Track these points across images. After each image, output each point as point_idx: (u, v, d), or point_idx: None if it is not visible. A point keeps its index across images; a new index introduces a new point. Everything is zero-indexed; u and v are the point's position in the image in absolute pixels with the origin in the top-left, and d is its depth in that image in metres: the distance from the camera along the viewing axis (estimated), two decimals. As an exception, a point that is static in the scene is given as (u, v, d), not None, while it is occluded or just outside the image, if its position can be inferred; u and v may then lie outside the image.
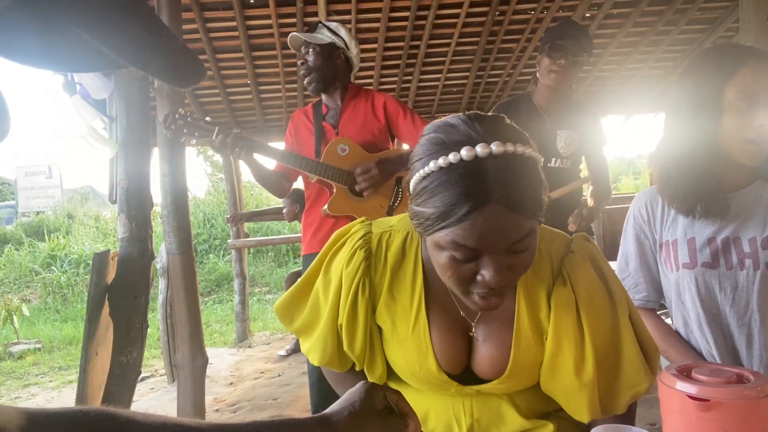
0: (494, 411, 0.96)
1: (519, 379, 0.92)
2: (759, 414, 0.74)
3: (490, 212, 0.72)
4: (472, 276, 0.78)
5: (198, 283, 2.56)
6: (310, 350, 1.03)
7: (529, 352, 0.89)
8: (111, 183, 2.28)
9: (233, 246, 5.14)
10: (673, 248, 1.29)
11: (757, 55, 1.16)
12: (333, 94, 2.33)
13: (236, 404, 3.32)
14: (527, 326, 0.89)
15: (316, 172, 2.21)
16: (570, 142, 2.22)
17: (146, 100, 2.27)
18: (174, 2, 2.32)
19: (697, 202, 1.24)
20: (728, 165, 1.24)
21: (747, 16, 2.54)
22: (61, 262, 8.13)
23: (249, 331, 5.22)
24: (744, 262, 1.20)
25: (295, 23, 3.63)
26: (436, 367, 0.92)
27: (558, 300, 0.89)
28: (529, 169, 0.75)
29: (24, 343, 5.40)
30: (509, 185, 0.72)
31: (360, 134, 2.28)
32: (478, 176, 0.72)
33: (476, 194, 0.71)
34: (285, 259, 8.48)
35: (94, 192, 14.34)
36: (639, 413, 2.83)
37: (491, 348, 0.91)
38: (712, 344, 1.24)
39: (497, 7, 3.73)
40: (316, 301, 1.01)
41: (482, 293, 0.79)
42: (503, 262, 0.76)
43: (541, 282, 0.90)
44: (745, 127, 1.14)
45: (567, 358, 0.88)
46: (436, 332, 0.92)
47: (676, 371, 0.81)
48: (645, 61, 4.52)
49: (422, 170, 0.76)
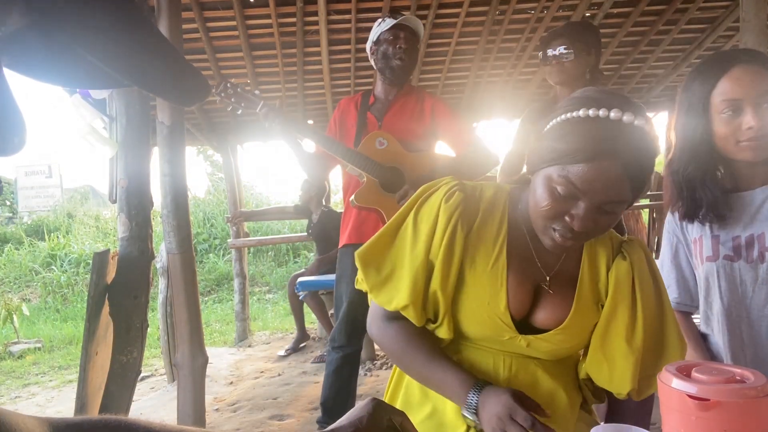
0: (530, 373, 1.02)
1: (572, 334, 1.00)
2: (759, 413, 0.74)
3: (609, 166, 0.85)
4: (561, 214, 0.90)
5: (198, 282, 2.56)
6: (395, 292, 1.01)
7: (586, 311, 1.00)
8: (111, 182, 2.28)
9: (233, 245, 5.14)
10: (699, 244, 1.32)
11: (740, 61, 1.20)
12: (398, 84, 2.35)
13: (236, 404, 3.32)
14: (587, 289, 1.01)
15: (350, 160, 2.22)
16: None
17: (146, 100, 2.27)
18: (174, 2, 2.32)
19: (699, 209, 1.28)
20: (742, 166, 1.27)
21: (747, 15, 2.54)
22: (61, 262, 8.13)
23: (249, 330, 5.22)
24: (764, 256, 1.23)
25: (295, 23, 3.63)
26: (504, 306, 0.98)
27: (618, 270, 1.00)
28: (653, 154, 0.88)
29: (24, 343, 5.40)
30: (634, 154, 0.86)
31: (403, 132, 2.29)
32: (615, 135, 0.85)
33: (607, 147, 0.85)
34: (285, 259, 8.47)
35: (94, 191, 14.33)
36: (639, 413, 2.74)
37: (556, 299, 1.00)
38: (729, 338, 1.26)
39: (497, 7, 3.73)
40: (403, 243, 1.02)
41: (562, 233, 0.91)
42: (592, 214, 0.89)
43: (603, 256, 1.02)
44: (734, 131, 1.20)
45: (620, 323, 0.98)
46: (512, 274, 1.00)
47: (675, 370, 0.81)
48: (645, 61, 4.52)
49: (570, 114, 0.89)
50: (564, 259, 1.03)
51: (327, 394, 2.39)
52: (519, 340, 0.99)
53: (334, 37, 3.86)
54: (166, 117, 2.32)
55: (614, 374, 0.98)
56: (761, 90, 1.18)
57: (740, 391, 0.74)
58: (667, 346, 1.00)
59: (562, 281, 1.01)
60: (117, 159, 2.22)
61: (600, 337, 1.00)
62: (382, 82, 2.37)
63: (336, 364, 2.37)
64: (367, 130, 2.30)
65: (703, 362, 0.84)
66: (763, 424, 0.74)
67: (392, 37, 2.27)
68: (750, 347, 1.25)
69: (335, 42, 3.92)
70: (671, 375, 0.80)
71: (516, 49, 4.19)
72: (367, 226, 2.26)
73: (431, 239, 0.99)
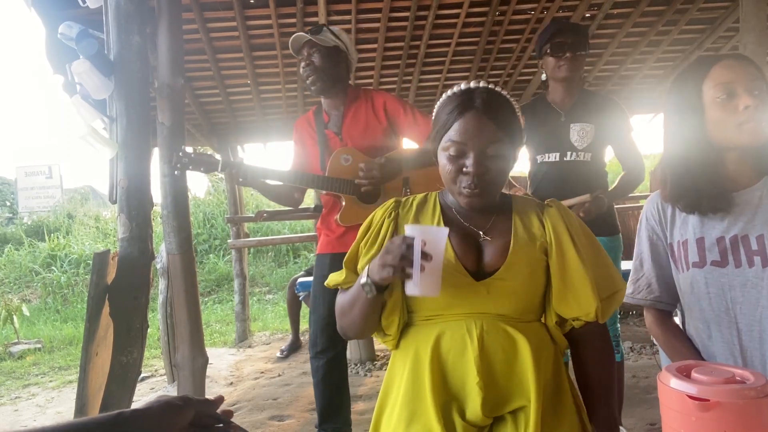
0: (501, 331, 1.11)
1: (520, 268, 1.14)
2: (758, 414, 0.74)
3: (473, 114, 1.11)
4: (460, 169, 1.12)
5: (198, 283, 2.56)
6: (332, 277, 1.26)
7: (524, 247, 1.16)
8: (111, 183, 2.27)
9: (233, 246, 5.14)
10: (683, 248, 1.30)
11: (729, 56, 1.23)
12: (334, 97, 2.33)
13: (236, 404, 3.32)
14: (522, 232, 1.18)
15: (322, 188, 2.24)
16: (584, 134, 2.25)
17: (146, 101, 2.26)
18: (174, 2, 2.32)
19: (700, 199, 1.27)
20: (731, 164, 1.26)
21: (747, 16, 2.54)
22: (61, 262, 8.13)
23: (249, 331, 5.22)
24: (753, 260, 1.21)
25: (295, 23, 3.63)
26: (454, 257, 1.14)
27: (551, 217, 1.19)
28: (506, 102, 1.15)
29: (24, 343, 5.40)
30: (488, 102, 1.12)
31: (364, 138, 2.28)
32: (468, 95, 1.13)
33: (464, 103, 1.12)
34: (285, 259, 8.47)
35: (94, 192, 14.34)
36: (639, 413, 2.84)
37: (496, 244, 1.17)
38: (721, 343, 1.24)
39: (497, 7, 3.73)
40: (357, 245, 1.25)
41: (466, 184, 1.12)
42: (481, 158, 1.11)
43: (532, 213, 1.21)
44: (730, 113, 1.20)
45: (570, 257, 1.14)
46: (453, 236, 1.16)
47: (675, 371, 0.81)
48: (645, 61, 4.52)
49: (438, 104, 1.19)
50: (494, 220, 1.21)
51: (321, 403, 2.35)
52: (478, 287, 1.13)
53: (334, 37, 3.86)
54: (166, 118, 2.32)
55: (580, 299, 1.13)
56: (752, 76, 1.19)
57: (740, 391, 0.74)
58: (611, 276, 1.18)
59: (498, 232, 1.19)
60: (117, 159, 2.21)
61: (558, 275, 1.15)
62: (323, 99, 2.37)
63: (323, 371, 2.32)
64: (330, 149, 2.30)
65: (703, 363, 0.84)
66: (762, 424, 0.74)
67: (301, 58, 2.31)
68: (742, 352, 1.23)
69: (335, 42, 3.92)
70: (671, 375, 0.80)
71: (516, 49, 4.20)
72: (350, 236, 2.26)
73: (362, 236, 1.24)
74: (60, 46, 2.25)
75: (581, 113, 2.26)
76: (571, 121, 2.26)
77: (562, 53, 2.18)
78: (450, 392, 1.10)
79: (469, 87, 1.14)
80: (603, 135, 2.27)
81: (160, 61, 2.32)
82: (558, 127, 2.27)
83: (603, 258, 1.20)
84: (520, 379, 1.09)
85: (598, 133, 2.25)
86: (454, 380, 1.10)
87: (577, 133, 2.25)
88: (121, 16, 2.17)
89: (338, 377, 2.35)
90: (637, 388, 3.02)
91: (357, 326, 1.19)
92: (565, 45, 2.18)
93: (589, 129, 2.25)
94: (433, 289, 1.04)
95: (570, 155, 2.25)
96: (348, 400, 2.42)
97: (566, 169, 2.26)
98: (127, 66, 2.19)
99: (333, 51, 2.27)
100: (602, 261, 1.19)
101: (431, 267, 1.02)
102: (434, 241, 1.03)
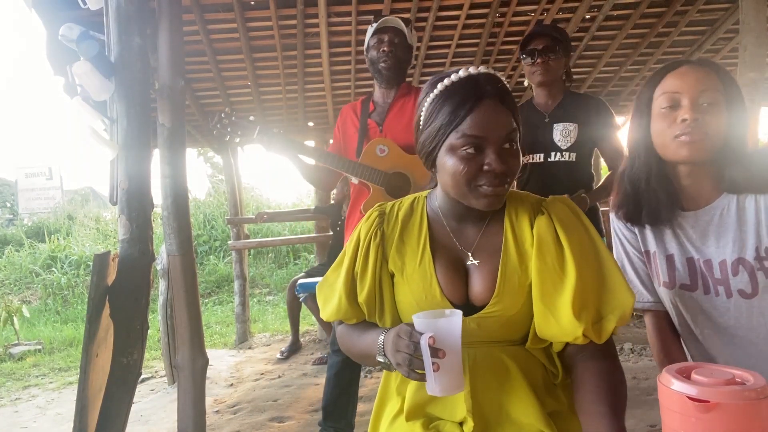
0: (496, 359, 1.05)
1: (510, 300, 1.03)
2: (759, 415, 0.74)
3: (487, 105, 0.97)
4: (479, 168, 0.98)
5: (198, 284, 2.56)
6: (325, 305, 1.17)
7: (514, 274, 1.04)
8: (111, 184, 2.27)
9: (233, 247, 5.13)
10: (655, 261, 1.28)
11: (689, 63, 1.18)
12: (392, 88, 2.35)
13: (236, 405, 3.32)
14: (513, 253, 1.05)
15: (352, 173, 2.24)
16: (566, 134, 2.28)
17: (147, 102, 2.26)
18: (175, 4, 2.33)
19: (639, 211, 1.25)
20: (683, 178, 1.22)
21: (747, 17, 2.54)
22: (61, 264, 8.13)
23: (249, 332, 5.22)
24: (717, 290, 1.18)
25: (296, 25, 3.64)
26: (440, 293, 1.05)
27: (539, 226, 1.05)
28: (504, 84, 1.00)
29: (24, 345, 5.40)
30: (497, 87, 0.98)
31: (404, 134, 2.28)
32: (474, 83, 0.98)
33: (475, 94, 0.97)
34: (285, 261, 8.47)
35: (95, 193, 14.35)
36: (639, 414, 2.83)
37: (484, 271, 1.06)
38: (707, 353, 1.23)
39: (497, 9, 3.73)
40: (337, 267, 1.18)
41: (489, 182, 0.98)
42: (501, 155, 0.97)
43: (525, 219, 1.08)
44: (669, 125, 1.16)
45: (551, 272, 1.01)
46: (439, 264, 1.07)
47: (675, 372, 0.81)
48: (645, 62, 4.53)
49: (433, 93, 1.01)
50: (484, 231, 1.09)
51: (328, 399, 2.38)
52: (468, 323, 1.02)
53: (334, 39, 3.87)
54: (166, 119, 2.32)
55: (561, 321, 0.99)
56: (702, 88, 1.13)
57: (740, 392, 0.74)
58: (613, 290, 1.02)
59: (488, 252, 1.07)
60: (118, 161, 2.21)
61: (539, 293, 1.02)
62: (378, 87, 2.38)
63: (337, 368, 2.37)
64: (368, 138, 2.30)
65: (703, 364, 0.84)
66: (763, 425, 0.74)
67: (377, 41, 2.30)
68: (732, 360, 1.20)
69: (335, 44, 3.92)
70: (671, 377, 0.80)
71: (516, 51, 4.20)
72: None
73: (354, 256, 1.13)
74: (61, 48, 2.25)
75: (564, 113, 2.30)
76: (554, 122, 2.31)
77: (533, 59, 2.28)
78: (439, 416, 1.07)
79: (470, 74, 0.99)
80: (587, 134, 2.29)
81: (161, 62, 2.32)
82: (541, 128, 2.31)
83: (605, 266, 1.04)
84: (516, 407, 1.02)
85: (582, 132, 2.28)
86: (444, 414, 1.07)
87: (559, 132, 2.29)
88: (122, 18, 2.17)
89: (349, 377, 2.38)
90: (637, 390, 3.01)
91: (362, 363, 1.15)
92: (536, 51, 2.27)
93: (572, 128, 2.28)
94: (454, 387, 0.92)
95: (554, 155, 2.29)
96: (354, 404, 2.44)
97: (551, 169, 2.29)
98: (128, 67, 2.19)
99: (410, 48, 2.35)
100: (602, 269, 1.04)
101: (446, 363, 0.89)
102: (446, 334, 0.90)
